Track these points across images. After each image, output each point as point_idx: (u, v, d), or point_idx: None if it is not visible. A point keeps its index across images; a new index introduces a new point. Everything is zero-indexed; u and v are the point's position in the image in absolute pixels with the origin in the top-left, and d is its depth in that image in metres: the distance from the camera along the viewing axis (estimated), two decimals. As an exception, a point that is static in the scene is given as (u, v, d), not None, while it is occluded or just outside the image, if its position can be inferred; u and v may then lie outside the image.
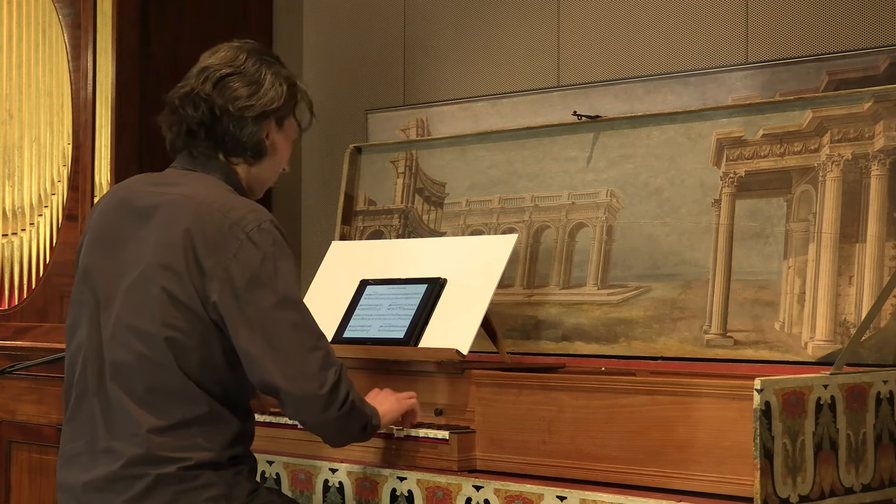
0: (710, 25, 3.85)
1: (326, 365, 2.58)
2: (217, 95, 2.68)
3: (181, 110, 2.70)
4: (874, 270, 2.92)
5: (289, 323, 2.57)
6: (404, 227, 3.87)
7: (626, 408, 2.68)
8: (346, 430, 2.67)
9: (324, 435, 2.70)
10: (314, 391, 2.56)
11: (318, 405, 2.58)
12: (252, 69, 2.71)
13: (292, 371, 2.56)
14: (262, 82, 2.71)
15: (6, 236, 4.84)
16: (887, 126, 2.96)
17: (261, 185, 2.81)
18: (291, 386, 2.56)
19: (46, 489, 4.51)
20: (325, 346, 2.61)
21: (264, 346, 2.55)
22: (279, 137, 2.77)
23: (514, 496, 2.74)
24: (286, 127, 2.79)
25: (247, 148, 2.72)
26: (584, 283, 3.42)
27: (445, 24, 4.52)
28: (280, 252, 2.59)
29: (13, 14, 4.83)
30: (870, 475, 2.66)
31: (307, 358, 2.57)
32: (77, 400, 2.65)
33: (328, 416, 2.59)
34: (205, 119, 2.68)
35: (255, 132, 2.71)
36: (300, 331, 2.58)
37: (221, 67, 2.70)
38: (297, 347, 2.56)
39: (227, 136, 2.70)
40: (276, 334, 2.56)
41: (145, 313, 2.57)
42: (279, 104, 2.73)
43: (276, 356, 2.55)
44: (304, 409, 2.59)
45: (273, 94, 2.72)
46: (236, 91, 2.69)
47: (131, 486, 2.54)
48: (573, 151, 3.52)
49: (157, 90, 4.52)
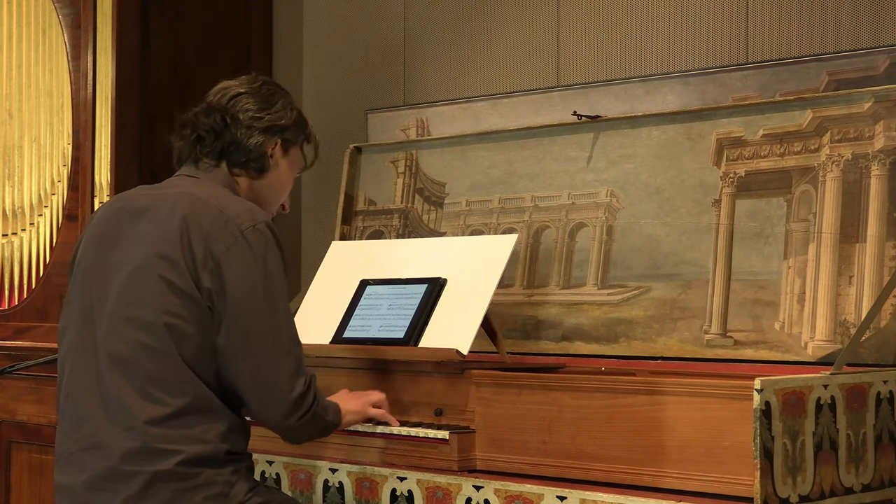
0: (710, 25, 3.85)
1: (297, 373, 2.64)
2: (229, 106, 2.81)
3: (194, 120, 2.81)
4: (874, 270, 2.92)
5: (268, 327, 2.61)
6: (404, 227, 3.87)
7: (626, 408, 2.68)
8: (303, 433, 2.74)
9: (282, 436, 2.76)
10: (281, 398, 2.62)
11: (282, 411, 2.64)
12: (266, 92, 2.86)
13: (263, 375, 2.61)
14: (273, 103, 2.85)
15: (6, 236, 4.84)
16: (887, 126, 2.96)
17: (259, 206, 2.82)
18: (258, 389, 2.61)
19: (46, 489, 4.51)
20: (298, 354, 2.66)
21: (241, 346, 2.60)
22: (283, 162, 2.87)
23: (514, 496, 2.74)
24: (291, 155, 2.89)
25: (250, 158, 2.81)
26: (584, 283, 3.42)
27: (445, 24, 4.52)
28: (271, 255, 2.64)
29: (13, 14, 4.83)
30: (870, 475, 2.67)
31: (280, 364, 2.62)
32: (69, 399, 2.66)
33: (289, 422, 2.66)
34: (216, 126, 2.78)
35: (261, 143, 2.81)
36: (278, 335, 2.63)
37: (237, 87, 2.85)
38: (271, 353, 2.61)
39: (234, 143, 2.79)
40: (254, 337, 2.60)
41: (143, 303, 2.60)
42: (287, 124, 2.85)
43: (250, 358, 2.60)
44: (266, 412, 2.65)
45: (283, 114, 2.85)
46: (248, 104, 2.82)
47: (128, 483, 2.54)
48: (573, 151, 3.52)
49: (157, 90, 4.59)
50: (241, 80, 2.87)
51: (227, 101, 2.81)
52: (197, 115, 2.81)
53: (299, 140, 2.90)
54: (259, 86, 2.85)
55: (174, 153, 2.85)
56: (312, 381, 2.68)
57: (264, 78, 2.91)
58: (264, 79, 2.90)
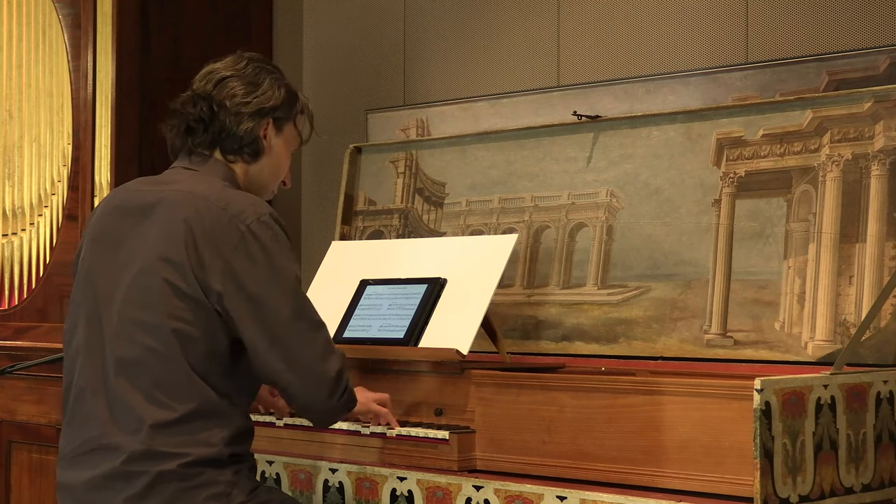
0: (710, 25, 3.85)
1: (329, 351, 2.65)
2: (216, 93, 2.76)
3: (182, 110, 2.76)
4: (874, 270, 2.92)
5: (290, 314, 2.61)
6: (404, 227, 3.87)
7: (626, 408, 2.68)
8: (341, 412, 2.74)
9: (320, 420, 2.76)
10: (319, 379, 2.63)
11: (325, 392, 2.64)
12: (251, 73, 2.80)
13: (296, 362, 2.61)
14: (259, 83, 2.79)
15: (6, 236, 4.84)
16: (887, 126, 2.96)
17: (259, 188, 2.82)
18: (296, 376, 2.62)
19: (46, 489, 4.51)
20: (325, 335, 2.67)
21: (268, 338, 2.59)
22: (277, 141, 2.82)
23: (514, 496, 2.74)
24: (286, 133, 2.84)
25: (243, 144, 2.77)
26: (584, 283, 3.42)
27: (445, 24, 4.52)
28: (280, 244, 2.63)
29: (13, 14, 4.83)
30: (870, 475, 2.66)
31: (310, 348, 2.63)
32: (76, 401, 2.65)
33: (332, 402, 2.66)
34: (203, 115, 2.74)
35: (252, 129, 2.77)
36: (302, 320, 2.63)
37: (222, 70, 2.79)
38: (300, 338, 2.62)
39: (224, 131, 2.76)
40: (279, 326, 2.60)
41: (149, 307, 2.59)
42: (276, 103, 2.79)
43: (280, 347, 2.60)
44: (309, 397, 2.65)
45: (270, 94, 2.79)
46: (234, 89, 2.76)
47: (131, 483, 2.54)
48: (573, 151, 3.52)
49: (157, 90, 4.59)
50: (226, 61, 2.81)
51: (214, 88, 2.76)
52: (184, 105, 2.76)
53: (291, 116, 2.84)
54: (244, 66, 2.80)
55: (167, 144, 2.81)
56: (344, 360, 2.69)
57: (249, 56, 2.84)
58: (249, 56, 2.83)
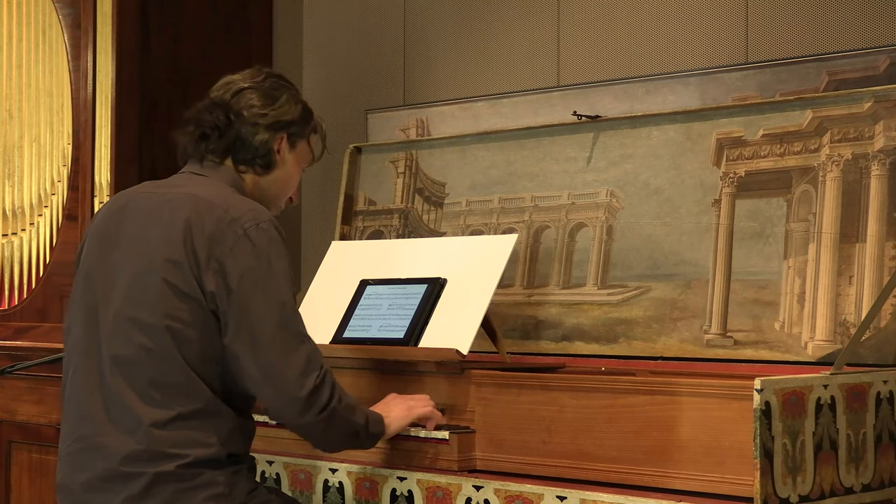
0: (710, 25, 3.85)
1: (308, 369, 2.59)
2: (233, 102, 2.77)
3: (198, 117, 2.78)
4: (874, 270, 2.92)
5: (274, 324, 2.58)
6: (404, 227, 3.87)
7: (626, 408, 2.68)
8: (329, 435, 2.68)
9: (307, 438, 2.72)
10: (293, 394, 2.58)
11: (296, 408, 2.59)
12: (269, 86, 2.82)
13: (272, 372, 2.58)
14: (277, 97, 2.81)
15: (6, 236, 4.84)
16: (887, 126, 2.96)
17: (267, 201, 2.82)
18: (270, 388, 2.58)
19: (46, 489, 4.51)
20: (308, 350, 2.62)
21: (248, 345, 2.57)
22: (290, 157, 2.84)
23: (514, 496, 2.74)
24: (299, 149, 2.86)
25: (256, 155, 2.78)
26: (584, 283, 3.42)
27: (445, 24, 4.52)
28: (276, 252, 2.62)
29: (13, 14, 4.83)
30: (870, 475, 2.66)
31: (288, 360, 2.58)
32: (73, 399, 2.66)
33: (306, 420, 2.61)
34: (219, 123, 2.75)
35: (267, 140, 2.78)
36: (284, 332, 2.59)
37: (241, 82, 2.81)
38: (279, 349, 2.58)
39: (239, 140, 2.76)
40: (261, 334, 2.57)
41: (147, 305, 2.59)
42: (292, 119, 2.81)
43: (258, 356, 2.57)
44: (281, 411, 2.63)
45: (287, 109, 2.81)
46: (251, 100, 2.78)
47: (130, 484, 2.54)
48: (573, 151, 3.52)
49: (157, 90, 4.59)
50: (245, 74, 2.83)
51: (231, 97, 2.77)
52: (200, 112, 2.78)
53: (305, 133, 2.86)
54: (262, 79, 2.81)
55: (178, 150, 2.82)
56: (327, 377, 2.62)
57: (268, 70, 2.87)
58: (268, 71, 2.86)
